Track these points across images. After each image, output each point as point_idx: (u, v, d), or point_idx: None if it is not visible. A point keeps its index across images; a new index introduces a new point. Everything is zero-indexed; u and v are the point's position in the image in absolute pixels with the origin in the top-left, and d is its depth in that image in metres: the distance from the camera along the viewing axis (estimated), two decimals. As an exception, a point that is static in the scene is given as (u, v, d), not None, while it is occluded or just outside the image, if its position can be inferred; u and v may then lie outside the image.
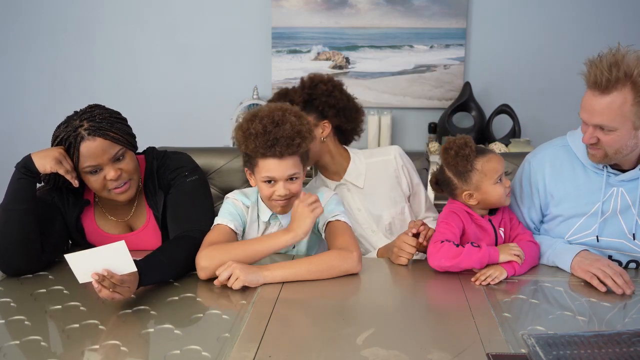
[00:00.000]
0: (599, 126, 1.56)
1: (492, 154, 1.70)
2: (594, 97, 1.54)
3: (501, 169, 1.68)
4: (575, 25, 3.32)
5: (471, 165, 1.67)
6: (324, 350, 1.22)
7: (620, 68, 1.49)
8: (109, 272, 1.34)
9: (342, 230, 1.69)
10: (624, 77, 1.49)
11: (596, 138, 1.58)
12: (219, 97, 3.53)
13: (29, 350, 1.22)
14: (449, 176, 1.71)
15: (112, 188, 1.65)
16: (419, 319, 1.39)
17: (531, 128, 3.38)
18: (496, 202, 1.69)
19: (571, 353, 1.06)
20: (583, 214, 1.69)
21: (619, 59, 1.50)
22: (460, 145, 1.67)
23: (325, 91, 1.94)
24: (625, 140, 1.55)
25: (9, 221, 1.57)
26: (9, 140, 3.64)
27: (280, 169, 1.62)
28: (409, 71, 3.43)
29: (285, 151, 1.60)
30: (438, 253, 1.61)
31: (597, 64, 1.53)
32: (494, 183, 1.67)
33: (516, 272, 1.61)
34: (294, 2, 3.38)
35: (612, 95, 1.51)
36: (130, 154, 1.69)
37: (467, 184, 1.68)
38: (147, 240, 1.78)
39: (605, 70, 1.50)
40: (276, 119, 1.60)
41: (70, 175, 1.59)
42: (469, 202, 1.69)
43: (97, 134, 1.60)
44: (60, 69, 3.57)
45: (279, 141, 1.58)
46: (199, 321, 1.36)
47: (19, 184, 1.57)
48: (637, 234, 1.65)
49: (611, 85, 1.50)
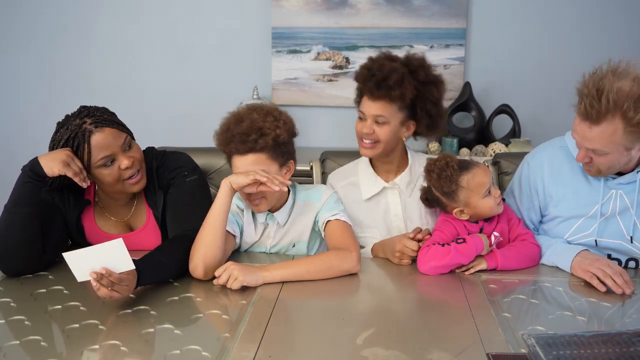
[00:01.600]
0: (592, 150, 1.56)
1: (476, 168, 1.68)
2: (585, 126, 1.53)
3: (488, 181, 1.67)
4: (575, 25, 3.32)
5: (456, 184, 1.66)
6: (324, 350, 1.22)
7: (609, 98, 1.46)
8: (107, 270, 1.35)
9: (341, 229, 1.69)
10: (614, 107, 1.47)
11: (589, 157, 1.59)
12: (219, 97, 3.52)
13: (29, 350, 1.22)
14: (437, 195, 1.72)
15: (127, 178, 1.66)
16: (419, 319, 1.39)
17: (531, 128, 3.37)
18: (488, 213, 1.69)
19: (571, 353, 1.07)
20: (582, 215, 1.70)
21: (607, 87, 1.46)
22: (442, 167, 1.67)
23: (430, 97, 1.82)
24: (618, 159, 1.57)
25: (12, 224, 1.57)
26: (9, 140, 3.64)
27: (243, 165, 1.62)
28: (409, 71, 3.43)
29: (242, 147, 1.60)
30: (425, 256, 1.62)
31: (586, 94, 1.49)
32: (482, 197, 1.66)
33: (499, 266, 1.63)
34: (294, 2, 3.38)
35: (603, 125, 1.50)
36: (135, 143, 1.71)
37: (456, 202, 1.68)
38: (146, 240, 1.78)
39: (594, 100, 1.47)
40: (239, 117, 1.64)
41: (79, 177, 1.58)
42: (461, 217, 1.70)
43: (103, 124, 1.61)
44: (59, 69, 3.56)
45: (235, 138, 1.61)
46: (199, 321, 1.36)
47: (24, 187, 1.57)
48: (634, 236, 1.66)
49: (601, 116, 1.49)
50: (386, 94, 1.74)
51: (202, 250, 1.55)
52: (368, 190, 1.88)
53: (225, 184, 1.59)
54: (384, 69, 1.74)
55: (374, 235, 1.86)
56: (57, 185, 1.65)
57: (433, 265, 1.60)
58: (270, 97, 3.48)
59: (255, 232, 1.77)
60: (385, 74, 1.73)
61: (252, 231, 1.76)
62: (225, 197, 1.58)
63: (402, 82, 1.73)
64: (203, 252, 1.54)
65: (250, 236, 1.77)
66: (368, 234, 1.87)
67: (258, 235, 1.77)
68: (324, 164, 2.20)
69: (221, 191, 1.59)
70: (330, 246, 1.68)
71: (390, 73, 1.73)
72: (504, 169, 2.14)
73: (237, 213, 1.74)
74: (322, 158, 2.22)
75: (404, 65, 1.78)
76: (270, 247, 1.78)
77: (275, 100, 3.45)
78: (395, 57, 1.83)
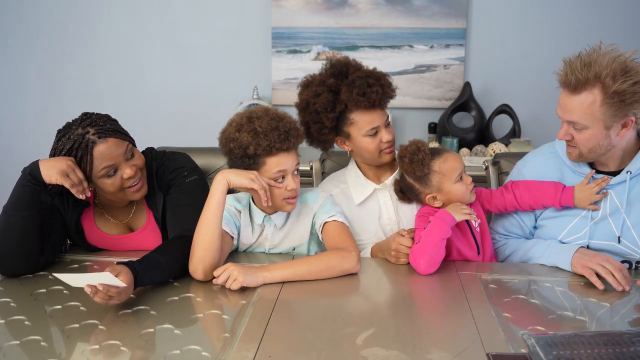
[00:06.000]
0: (572, 123, 1.60)
1: (448, 153, 1.71)
2: (567, 96, 1.59)
3: (460, 167, 1.70)
4: (575, 25, 3.32)
5: (428, 168, 1.68)
6: (324, 350, 1.22)
7: (591, 69, 1.52)
8: (104, 286, 1.32)
9: (339, 230, 1.69)
10: (594, 78, 1.52)
11: (570, 135, 1.63)
12: (219, 97, 3.52)
13: (29, 350, 1.22)
14: (410, 182, 1.73)
15: (128, 187, 1.65)
16: (419, 319, 1.39)
17: (531, 128, 3.37)
18: (460, 199, 1.70)
19: (571, 353, 1.07)
20: (575, 215, 1.72)
21: (593, 60, 1.53)
22: (413, 151, 1.69)
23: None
24: (598, 139, 1.59)
25: (11, 227, 1.57)
26: (10, 140, 3.64)
27: (290, 161, 1.63)
28: (409, 71, 3.43)
29: (297, 142, 1.63)
30: (414, 259, 1.63)
31: (570, 64, 1.56)
32: (454, 182, 1.68)
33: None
34: (294, 2, 3.38)
35: (582, 95, 1.55)
36: (136, 150, 1.71)
37: (428, 187, 1.70)
38: (146, 240, 1.78)
39: (577, 70, 1.54)
40: (277, 115, 1.62)
41: (76, 188, 1.56)
42: (434, 205, 1.71)
43: (106, 135, 1.60)
44: (60, 69, 3.57)
45: (290, 133, 1.60)
46: (199, 321, 1.36)
47: (24, 190, 1.56)
48: (622, 236, 1.67)
49: (580, 85, 1.54)
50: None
51: (200, 253, 1.54)
52: (359, 194, 1.88)
53: (222, 182, 1.57)
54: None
55: (370, 240, 1.86)
56: (57, 190, 1.63)
57: (424, 262, 1.61)
58: (270, 97, 3.48)
59: (252, 234, 1.76)
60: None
61: (249, 233, 1.76)
62: (220, 196, 1.57)
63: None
64: (201, 254, 1.54)
65: (247, 238, 1.76)
66: (363, 239, 1.87)
67: (255, 237, 1.76)
68: (324, 164, 2.20)
69: (216, 189, 1.57)
70: (329, 247, 1.67)
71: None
72: (504, 169, 2.14)
73: (234, 214, 1.74)
74: (322, 158, 2.22)
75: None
76: (269, 249, 1.78)
77: (275, 100, 3.45)
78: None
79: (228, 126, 1.65)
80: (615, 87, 1.50)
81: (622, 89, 1.49)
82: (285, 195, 1.63)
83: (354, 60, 1.84)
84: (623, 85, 1.49)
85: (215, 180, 1.58)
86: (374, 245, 1.83)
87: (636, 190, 1.67)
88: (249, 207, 1.76)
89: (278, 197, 1.64)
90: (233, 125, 1.63)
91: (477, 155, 3.15)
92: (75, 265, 1.70)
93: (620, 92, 1.50)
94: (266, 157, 1.60)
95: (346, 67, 1.81)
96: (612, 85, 1.50)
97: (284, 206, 1.67)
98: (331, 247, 1.66)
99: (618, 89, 1.50)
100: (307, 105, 1.80)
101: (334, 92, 1.78)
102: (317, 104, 1.77)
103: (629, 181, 1.66)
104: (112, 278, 1.32)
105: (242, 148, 1.59)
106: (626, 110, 1.53)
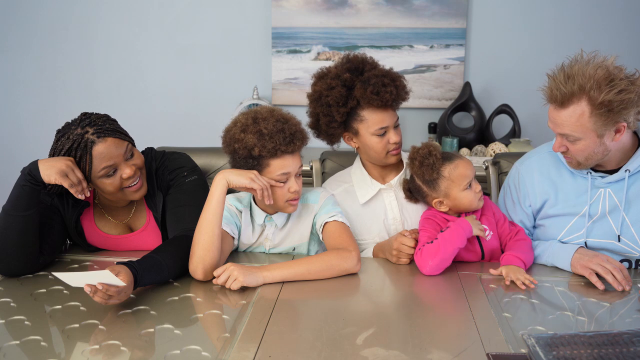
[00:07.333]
0: (565, 135, 1.59)
1: (459, 159, 1.69)
2: (555, 110, 1.57)
3: (470, 175, 1.68)
4: (576, 25, 3.32)
5: (437, 173, 1.67)
6: (324, 350, 1.22)
7: (575, 81, 1.50)
8: (104, 285, 1.32)
9: (340, 230, 1.69)
10: (579, 90, 1.51)
11: (565, 147, 1.62)
12: (219, 97, 3.52)
13: (29, 350, 1.22)
14: (418, 184, 1.73)
15: (127, 187, 1.65)
16: (419, 319, 1.39)
17: (531, 128, 3.37)
18: (467, 207, 1.69)
19: (571, 353, 1.06)
20: (575, 213, 1.72)
21: (575, 72, 1.51)
22: (424, 154, 1.68)
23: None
24: (592, 148, 1.58)
25: (10, 227, 1.56)
26: (9, 140, 3.64)
27: (294, 163, 1.63)
28: (409, 71, 3.43)
29: (302, 144, 1.63)
30: (422, 259, 1.62)
31: (554, 78, 1.55)
32: (462, 189, 1.67)
33: (526, 266, 1.63)
34: (294, 2, 3.38)
35: (570, 108, 1.54)
36: (136, 149, 1.70)
37: (436, 191, 1.69)
38: (147, 240, 1.78)
39: (561, 84, 1.52)
40: (282, 116, 1.62)
41: (75, 188, 1.56)
42: (440, 209, 1.70)
43: (105, 134, 1.60)
44: (60, 69, 3.56)
45: (295, 135, 1.60)
46: (199, 321, 1.36)
47: (23, 190, 1.56)
48: (621, 234, 1.67)
49: (567, 99, 1.53)
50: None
51: (200, 253, 1.54)
52: (364, 194, 1.88)
53: (221, 182, 1.57)
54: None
55: (374, 240, 1.86)
56: (56, 190, 1.63)
57: (432, 264, 1.60)
58: (270, 97, 3.48)
59: (253, 234, 1.76)
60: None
61: (249, 233, 1.76)
62: (220, 196, 1.57)
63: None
64: (201, 254, 1.54)
65: (248, 238, 1.76)
66: (367, 239, 1.87)
67: (255, 237, 1.76)
68: (324, 164, 2.20)
69: (216, 188, 1.57)
70: (329, 247, 1.67)
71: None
72: (504, 169, 2.14)
73: (235, 214, 1.74)
74: (322, 158, 2.22)
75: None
76: (269, 249, 1.78)
77: (275, 100, 3.45)
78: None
79: (233, 126, 1.63)
80: (601, 98, 1.48)
81: (608, 99, 1.48)
82: (287, 197, 1.63)
83: (371, 57, 1.84)
84: (609, 95, 1.48)
85: (215, 180, 1.58)
86: (376, 245, 1.83)
87: (635, 188, 1.67)
88: (250, 207, 1.76)
89: (280, 199, 1.64)
90: (238, 125, 1.62)
91: (477, 155, 3.15)
92: (75, 265, 1.70)
93: (607, 102, 1.49)
94: (270, 159, 1.60)
95: (363, 63, 1.81)
96: (598, 96, 1.49)
97: (286, 208, 1.67)
98: (332, 247, 1.66)
99: (604, 99, 1.48)
100: (320, 96, 1.80)
101: (348, 87, 1.77)
102: (329, 96, 1.77)
103: (627, 179, 1.66)
104: (112, 277, 1.32)
105: (247, 149, 1.58)
106: (616, 117, 1.52)
